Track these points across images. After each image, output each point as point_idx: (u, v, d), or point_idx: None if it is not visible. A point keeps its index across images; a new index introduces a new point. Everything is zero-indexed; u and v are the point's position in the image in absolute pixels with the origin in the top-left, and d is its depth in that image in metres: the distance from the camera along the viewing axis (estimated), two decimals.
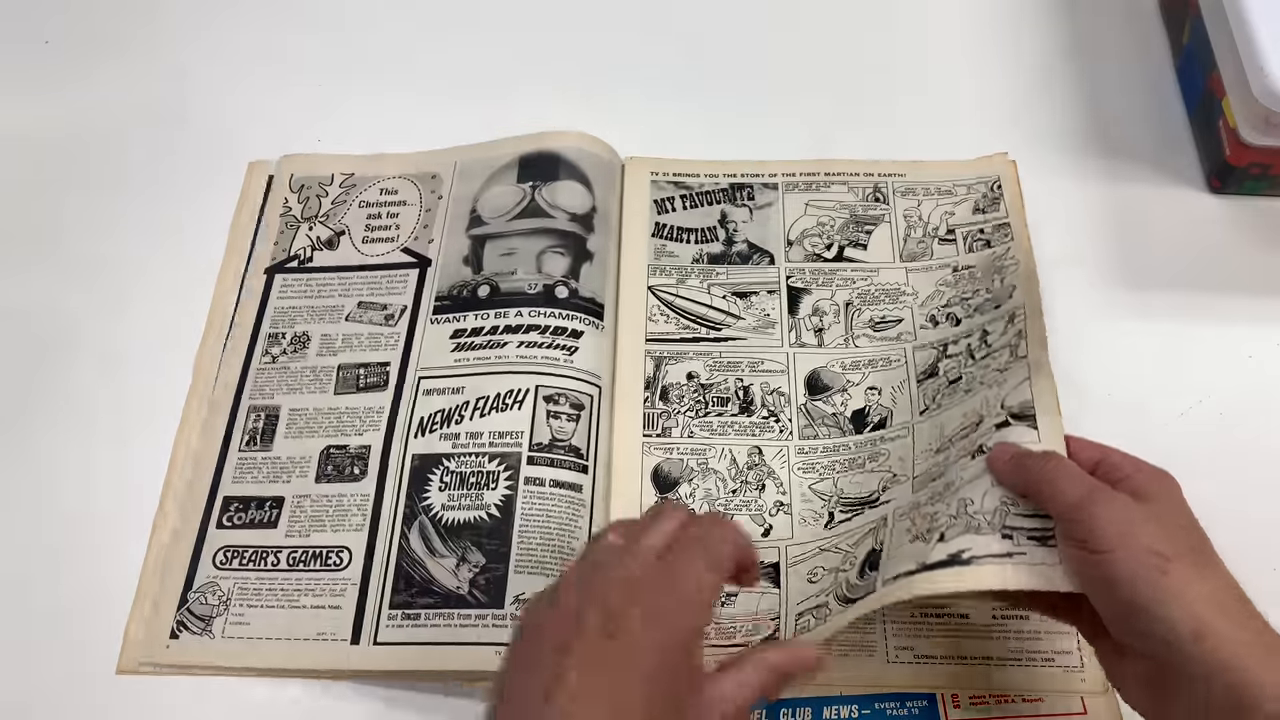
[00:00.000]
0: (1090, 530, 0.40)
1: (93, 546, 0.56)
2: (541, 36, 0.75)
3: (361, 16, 0.77)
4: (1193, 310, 0.62)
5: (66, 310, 0.64)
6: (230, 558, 0.55)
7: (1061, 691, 0.51)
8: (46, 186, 0.69)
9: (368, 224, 0.66)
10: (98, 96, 0.72)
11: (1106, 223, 0.66)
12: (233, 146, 0.70)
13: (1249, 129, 0.61)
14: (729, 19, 0.76)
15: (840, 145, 0.68)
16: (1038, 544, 0.43)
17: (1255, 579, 0.47)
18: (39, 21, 0.76)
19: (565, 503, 0.55)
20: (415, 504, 0.56)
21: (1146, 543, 0.39)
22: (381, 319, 0.63)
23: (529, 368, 0.59)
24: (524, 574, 0.53)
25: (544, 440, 0.57)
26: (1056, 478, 0.42)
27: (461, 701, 0.52)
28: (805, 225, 0.65)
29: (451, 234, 0.65)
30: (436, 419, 0.58)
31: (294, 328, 0.63)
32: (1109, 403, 0.59)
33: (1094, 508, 0.40)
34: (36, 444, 0.60)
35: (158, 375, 0.61)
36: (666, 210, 0.66)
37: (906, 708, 0.51)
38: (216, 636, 0.53)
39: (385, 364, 0.61)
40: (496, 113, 0.70)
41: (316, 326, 0.63)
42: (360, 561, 0.55)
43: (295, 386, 0.61)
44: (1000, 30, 0.75)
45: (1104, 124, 0.70)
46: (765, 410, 0.59)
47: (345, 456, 0.58)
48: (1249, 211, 0.66)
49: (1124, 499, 0.41)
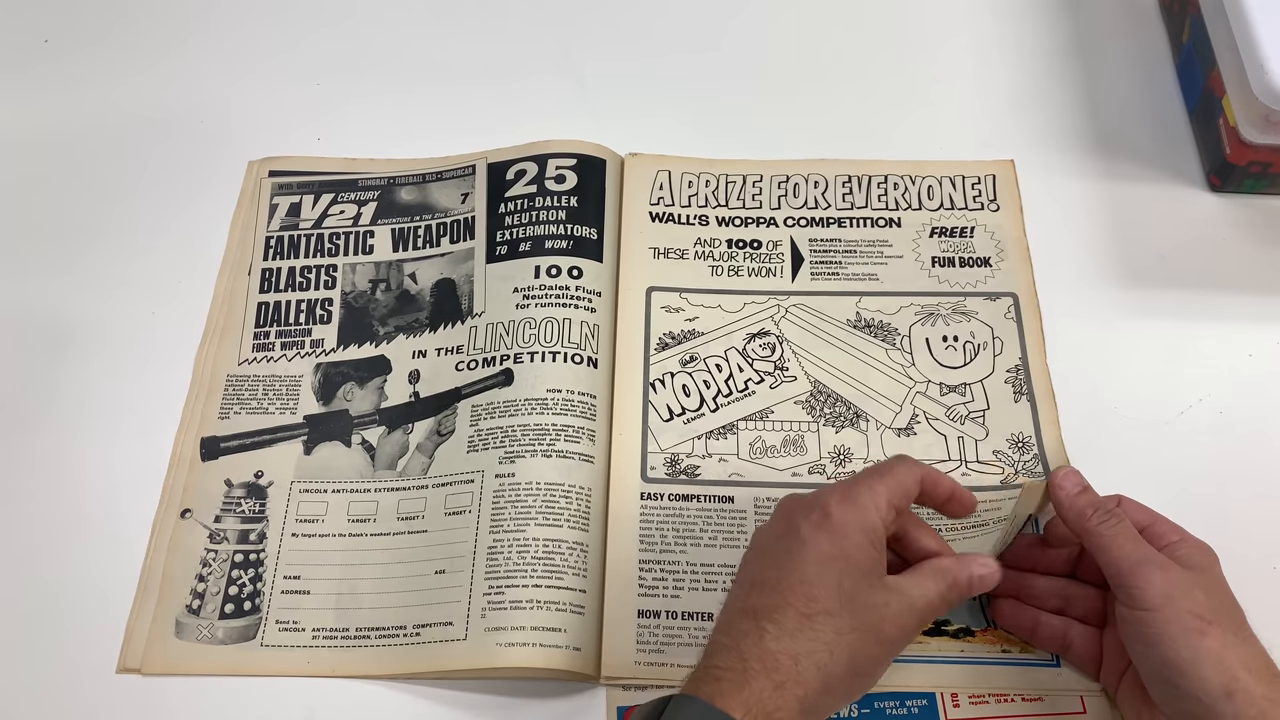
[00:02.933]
0: (1142, 591, 0.44)
1: (93, 546, 0.56)
2: (542, 36, 0.75)
3: (361, 16, 0.76)
4: (1193, 309, 0.62)
5: (66, 310, 0.64)
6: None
7: (1061, 691, 0.51)
8: (46, 186, 0.69)
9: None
10: (97, 96, 0.72)
11: (1106, 221, 0.66)
12: (233, 146, 0.70)
13: (1249, 127, 0.61)
14: (730, 18, 0.76)
15: (840, 145, 0.68)
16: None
17: (1255, 579, 0.48)
18: (39, 21, 0.76)
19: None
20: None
21: (1189, 606, 0.43)
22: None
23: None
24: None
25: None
26: (1118, 536, 0.46)
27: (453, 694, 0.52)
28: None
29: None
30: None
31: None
32: (1109, 403, 0.59)
33: (1148, 571, 0.44)
34: (36, 444, 0.60)
35: (158, 375, 0.61)
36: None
37: (906, 707, 0.51)
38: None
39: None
40: (497, 112, 0.70)
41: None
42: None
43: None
44: (1000, 29, 0.75)
45: (1104, 123, 0.70)
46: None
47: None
48: (1249, 210, 0.65)
49: (1175, 566, 0.45)
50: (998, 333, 0.60)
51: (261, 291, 0.64)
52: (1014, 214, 0.64)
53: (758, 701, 0.40)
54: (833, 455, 0.58)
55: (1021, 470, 0.56)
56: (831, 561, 0.43)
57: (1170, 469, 0.57)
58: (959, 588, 0.45)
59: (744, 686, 0.41)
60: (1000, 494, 0.54)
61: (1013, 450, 0.57)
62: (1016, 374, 0.59)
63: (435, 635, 0.53)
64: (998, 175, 0.66)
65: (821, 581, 0.43)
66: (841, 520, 0.44)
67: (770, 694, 0.41)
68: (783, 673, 0.41)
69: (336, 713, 0.52)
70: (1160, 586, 0.44)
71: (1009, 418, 0.58)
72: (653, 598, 0.54)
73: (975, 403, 0.59)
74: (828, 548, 0.44)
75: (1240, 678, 0.41)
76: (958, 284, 0.62)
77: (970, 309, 0.61)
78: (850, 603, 0.43)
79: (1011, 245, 0.63)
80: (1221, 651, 0.42)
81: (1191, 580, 0.44)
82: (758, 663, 0.41)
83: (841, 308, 0.62)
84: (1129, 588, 0.44)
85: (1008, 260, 0.63)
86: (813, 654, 0.42)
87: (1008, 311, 0.61)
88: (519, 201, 0.65)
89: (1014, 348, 0.60)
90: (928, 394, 0.59)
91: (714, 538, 0.55)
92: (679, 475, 0.57)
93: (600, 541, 0.55)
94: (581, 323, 0.60)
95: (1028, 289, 0.62)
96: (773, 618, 0.42)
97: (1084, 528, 0.47)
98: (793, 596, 0.43)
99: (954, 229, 0.64)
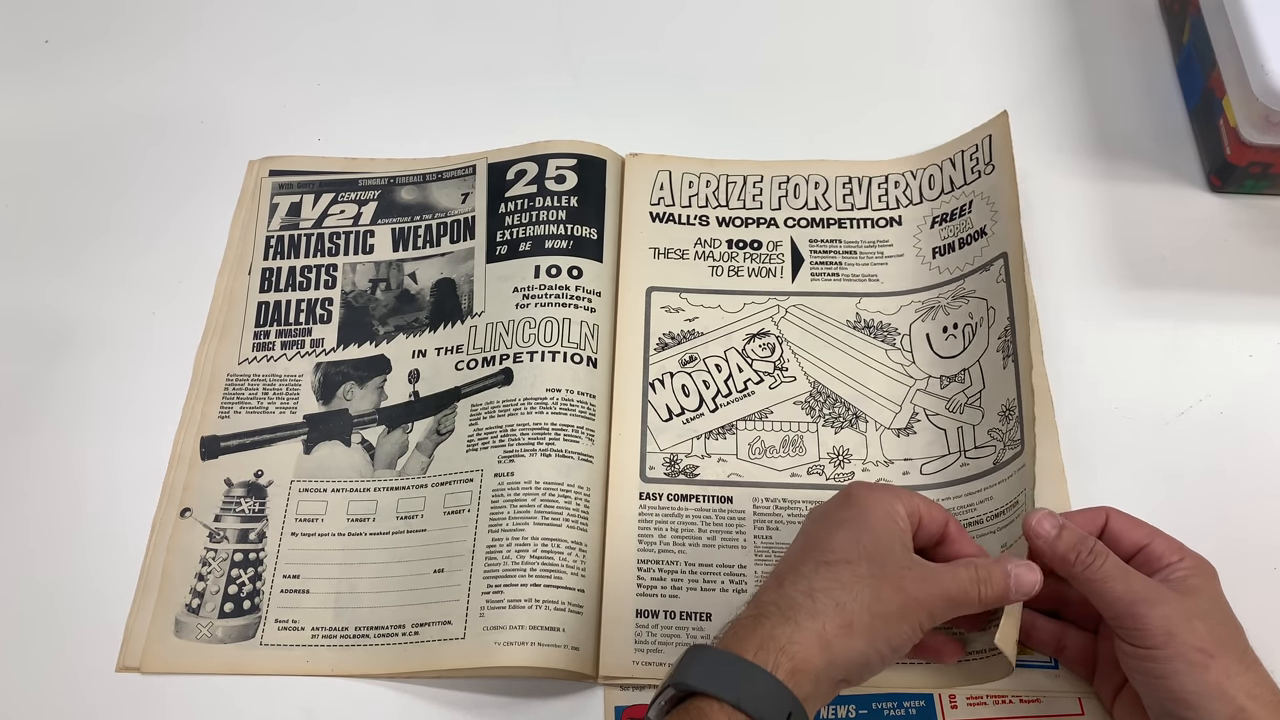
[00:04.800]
0: (1142, 631, 0.43)
1: (92, 545, 0.56)
2: (542, 36, 0.75)
3: (362, 16, 0.77)
4: (1193, 309, 0.62)
5: (66, 310, 0.64)
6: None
7: (1059, 693, 0.51)
8: (47, 186, 0.69)
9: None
10: (97, 96, 0.72)
11: (1106, 222, 0.65)
12: (233, 146, 0.70)
13: (1249, 127, 0.61)
14: (730, 19, 0.76)
15: (841, 145, 0.68)
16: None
17: (1255, 579, 0.47)
18: (39, 21, 0.76)
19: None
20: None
21: (1191, 641, 0.43)
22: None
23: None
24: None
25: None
26: (1107, 579, 0.45)
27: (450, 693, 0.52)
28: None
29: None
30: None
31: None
32: (1109, 403, 0.59)
33: (1144, 610, 0.43)
34: (36, 443, 0.60)
35: (158, 375, 0.61)
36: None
37: (904, 708, 0.51)
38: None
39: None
40: (497, 112, 0.71)
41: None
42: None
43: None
44: (1000, 29, 0.75)
45: (1104, 123, 0.70)
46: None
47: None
48: (1249, 210, 0.65)
49: (1172, 598, 0.44)
50: (991, 302, 0.59)
51: (261, 291, 0.64)
52: (1006, 168, 0.63)
53: (771, 638, 0.41)
54: (831, 456, 0.58)
55: (1007, 442, 0.55)
56: (850, 523, 0.45)
57: (1170, 469, 0.57)
58: (992, 583, 0.45)
59: (757, 628, 0.42)
60: (993, 477, 0.54)
61: (1002, 422, 0.56)
62: (1004, 337, 0.58)
63: (434, 634, 0.53)
64: (994, 134, 0.65)
65: (840, 538, 0.44)
66: (861, 498, 0.46)
67: (784, 628, 0.41)
68: (797, 608, 0.42)
69: (335, 712, 0.52)
70: (1159, 624, 0.43)
71: (999, 388, 0.57)
72: (651, 597, 0.54)
73: (973, 386, 0.58)
74: (848, 514, 0.45)
75: (1246, 708, 0.41)
76: (956, 268, 0.62)
77: (968, 290, 0.61)
78: (869, 555, 0.44)
79: (1004, 204, 0.62)
80: (1225, 683, 0.42)
81: (1190, 610, 0.44)
82: (772, 606, 0.43)
83: (841, 308, 0.62)
84: (1128, 629, 0.44)
85: (1000, 221, 0.61)
86: (829, 590, 0.42)
87: (999, 276, 0.60)
88: (519, 201, 0.65)
89: (1003, 310, 0.58)
90: (928, 390, 0.59)
91: (712, 538, 0.55)
92: (678, 475, 0.57)
93: (599, 541, 0.55)
94: (581, 322, 0.60)
95: (1015, 243, 0.60)
96: (792, 569, 0.44)
97: (1071, 574, 0.46)
98: (813, 551, 0.44)
99: (953, 212, 0.64)
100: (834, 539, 0.44)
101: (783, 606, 0.42)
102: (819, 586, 0.42)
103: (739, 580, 0.54)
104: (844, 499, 0.46)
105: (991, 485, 0.55)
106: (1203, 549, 0.47)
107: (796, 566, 0.44)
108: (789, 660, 0.40)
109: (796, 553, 0.46)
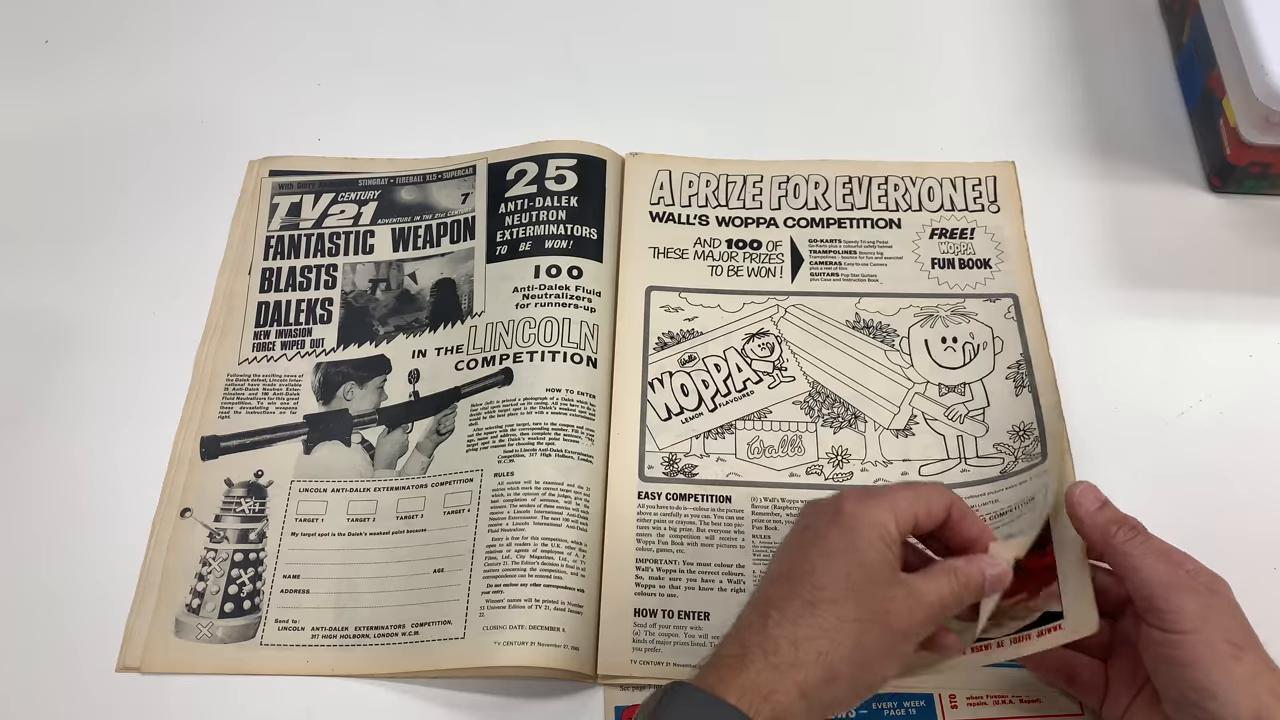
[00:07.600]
0: (1175, 615, 0.43)
1: (93, 545, 0.56)
2: (542, 37, 0.75)
3: (362, 17, 0.77)
4: (1193, 310, 0.62)
5: (66, 310, 0.64)
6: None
7: (1059, 693, 0.51)
8: (46, 187, 0.69)
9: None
10: (98, 96, 0.73)
11: (1107, 222, 0.65)
12: (233, 146, 0.70)
13: (1249, 128, 0.61)
14: (730, 19, 0.76)
15: (840, 145, 0.68)
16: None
17: (1255, 579, 0.47)
18: (39, 21, 0.77)
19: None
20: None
21: (1223, 632, 0.43)
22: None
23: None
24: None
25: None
26: (1147, 556, 0.45)
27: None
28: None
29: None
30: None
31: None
32: (1109, 403, 0.59)
33: (1181, 594, 0.43)
34: (36, 443, 0.60)
35: (158, 375, 0.61)
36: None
37: (904, 708, 0.51)
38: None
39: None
40: (497, 112, 0.71)
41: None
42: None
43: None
44: (1000, 29, 0.75)
45: (1104, 123, 0.70)
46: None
47: None
48: (1249, 210, 0.65)
49: (1204, 590, 0.44)
50: (998, 333, 0.60)
51: (262, 291, 0.64)
52: (1014, 216, 0.64)
53: (754, 685, 0.41)
54: (830, 456, 0.58)
55: (1021, 456, 0.56)
56: (840, 554, 0.44)
57: (1170, 469, 0.57)
58: (971, 587, 0.45)
59: (741, 671, 0.41)
60: (1001, 484, 0.54)
61: (1013, 440, 0.57)
62: (1018, 369, 0.59)
63: (434, 634, 0.53)
64: (998, 176, 0.66)
65: (828, 571, 0.43)
66: (853, 515, 0.45)
67: (767, 676, 0.41)
68: (781, 655, 0.41)
69: (335, 711, 0.52)
70: (1195, 610, 0.43)
71: (1010, 412, 0.58)
72: (649, 596, 0.54)
73: (975, 401, 0.59)
74: (837, 540, 0.44)
75: (1270, 705, 0.41)
76: (957, 285, 0.62)
77: (969, 310, 0.61)
78: (857, 593, 0.43)
79: (1012, 248, 0.63)
80: (1254, 678, 0.42)
81: (1221, 605, 0.44)
82: (757, 648, 0.42)
83: (841, 308, 0.62)
84: (1162, 611, 0.43)
85: (1008, 262, 0.63)
86: (813, 640, 0.42)
87: (1008, 312, 0.61)
88: (519, 201, 0.65)
89: (1015, 345, 0.60)
90: (926, 394, 0.59)
91: (711, 537, 0.55)
92: (677, 474, 0.57)
93: (598, 540, 0.55)
94: (581, 322, 0.60)
95: (1028, 290, 0.62)
96: (778, 606, 0.43)
97: (1109, 546, 0.46)
98: (800, 586, 0.43)
99: (954, 230, 0.64)
100: (823, 574, 0.43)
101: (768, 651, 0.42)
102: (803, 635, 0.42)
103: (737, 579, 0.54)
104: (834, 514, 0.45)
105: (998, 490, 0.55)
106: (1203, 549, 0.47)
107: (782, 605, 0.43)
108: (770, 709, 0.40)
109: (784, 582, 0.44)
